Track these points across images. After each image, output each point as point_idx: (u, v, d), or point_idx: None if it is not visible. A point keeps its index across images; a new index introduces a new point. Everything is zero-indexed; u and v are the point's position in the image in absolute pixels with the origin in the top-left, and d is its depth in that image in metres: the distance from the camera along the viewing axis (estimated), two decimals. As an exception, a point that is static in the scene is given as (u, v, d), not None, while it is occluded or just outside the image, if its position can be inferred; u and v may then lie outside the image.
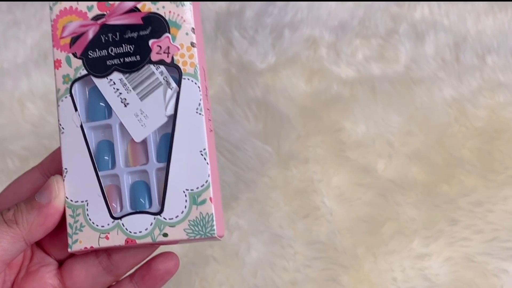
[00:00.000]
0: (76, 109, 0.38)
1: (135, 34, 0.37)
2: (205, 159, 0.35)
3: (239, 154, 0.68)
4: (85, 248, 0.37)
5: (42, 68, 0.78)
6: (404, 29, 0.79)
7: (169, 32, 0.37)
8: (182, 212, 0.36)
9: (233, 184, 0.66)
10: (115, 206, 0.37)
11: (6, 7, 0.82)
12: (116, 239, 0.36)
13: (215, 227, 0.35)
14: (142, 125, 0.37)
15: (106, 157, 0.38)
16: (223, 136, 0.69)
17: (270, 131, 0.70)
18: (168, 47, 0.36)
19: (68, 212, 0.37)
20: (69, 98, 0.38)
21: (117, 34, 0.37)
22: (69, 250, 0.37)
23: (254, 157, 0.68)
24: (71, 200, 0.37)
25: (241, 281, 0.60)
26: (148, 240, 0.36)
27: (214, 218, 0.35)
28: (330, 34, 0.79)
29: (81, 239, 0.37)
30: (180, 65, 0.36)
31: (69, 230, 0.37)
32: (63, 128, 0.38)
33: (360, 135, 0.70)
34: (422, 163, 0.67)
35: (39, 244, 0.38)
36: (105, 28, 0.37)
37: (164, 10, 0.37)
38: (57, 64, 0.38)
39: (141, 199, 0.37)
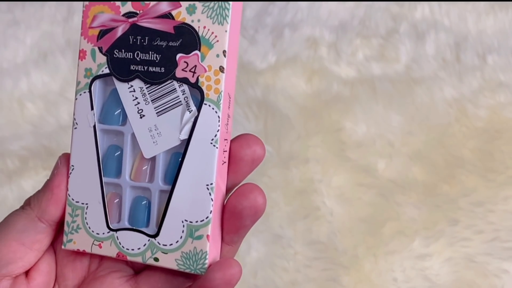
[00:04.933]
0: (92, 108, 0.36)
1: (164, 43, 0.34)
2: (210, 194, 0.34)
3: (239, 154, 0.68)
4: (78, 250, 0.36)
5: (41, 68, 0.78)
6: (405, 28, 0.78)
7: (199, 50, 0.34)
8: (177, 241, 0.34)
9: (233, 184, 0.66)
10: (114, 216, 0.36)
11: (6, 7, 0.82)
12: (108, 250, 0.36)
13: (206, 265, 0.34)
14: (153, 142, 0.35)
15: (113, 164, 0.36)
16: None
17: (270, 131, 0.70)
18: (195, 66, 0.34)
19: (68, 210, 0.36)
20: (87, 94, 0.36)
21: (146, 38, 0.35)
22: (62, 247, 0.36)
23: (254, 157, 0.68)
24: (73, 199, 0.36)
25: (241, 281, 0.60)
26: (139, 259, 0.35)
27: (207, 257, 0.34)
28: (330, 33, 0.79)
29: (76, 240, 0.36)
30: (204, 88, 0.34)
31: (65, 228, 0.36)
32: (76, 124, 0.36)
33: (361, 135, 0.69)
34: (422, 163, 0.67)
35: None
36: (135, 29, 0.35)
37: (199, 24, 0.34)
38: (81, 54, 0.36)
39: (140, 217, 0.36)
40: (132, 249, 0.35)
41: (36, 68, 0.77)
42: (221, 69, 0.34)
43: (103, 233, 0.36)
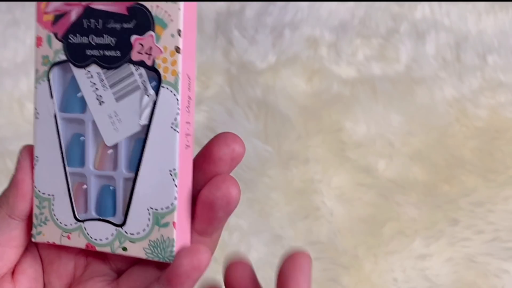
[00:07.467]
0: (52, 96, 0.35)
1: (118, 26, 0.34)
2: (173, 180, 0.33)
3: (239, 154, 0.68)
4: (47, 242, 0.36)
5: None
6: (405, 28, 0.78)
7: (154, 30, 0.33)
8: (144, 230, 0.34)
9: (233, 184, 0.66)
10: (81, 206, 0.36)
11: (6, 7, 0.82)
12: (77, 241, 0.35)
13: (174, 253, 0.33)
14: (114, 129, 0.34)
15: (77, 154, 0.36)
16: (223, 136, 0.69)
17: (270, 131, 0.70)
18: (150, 48, 0.33)
19: (35, 202, 0.36)
20: (46, 82, 0.35)
21: (100, 21, 0.34)
22: (32, 239, 0.36)
23: (254, 157, 0.68)
24: (39, 191, 0.36)
25: (241, 282, 0.60)
26: (107, 249, 0.35)
27: (174, 244, 0.33)
28: (330, 33, 0.79)
29: (44, 233, 0.36)
30: (161, 70, 0.33)
31: (34, 220, 0.36)
32: (38, 114, 0.36)
33: (361, 135, 0.69)
34: (422, 163, 0.67)
35: (97, 255, 0.38)
36: (89, 12, 0.34)
37: (152, 3, 0.33)
38: (38, 41, 0.35)
39: (106, 207, 0.35)
40: (101, 239, 0.35)
41: (36, 68, 0.77)
42: (177, 49, 0.32)
43: (71, 224, 0.35)
